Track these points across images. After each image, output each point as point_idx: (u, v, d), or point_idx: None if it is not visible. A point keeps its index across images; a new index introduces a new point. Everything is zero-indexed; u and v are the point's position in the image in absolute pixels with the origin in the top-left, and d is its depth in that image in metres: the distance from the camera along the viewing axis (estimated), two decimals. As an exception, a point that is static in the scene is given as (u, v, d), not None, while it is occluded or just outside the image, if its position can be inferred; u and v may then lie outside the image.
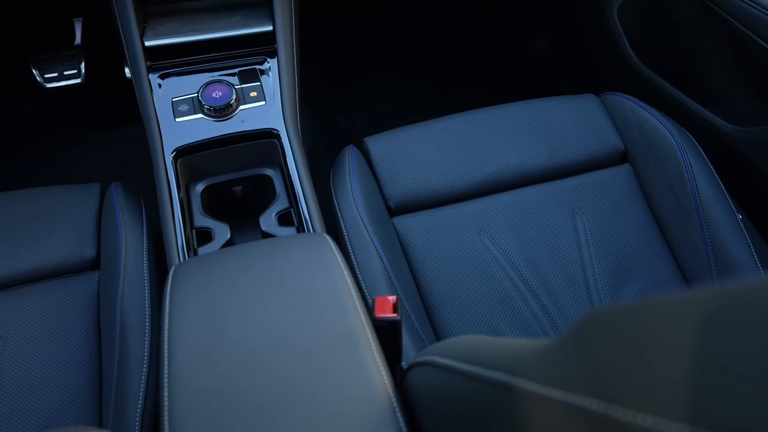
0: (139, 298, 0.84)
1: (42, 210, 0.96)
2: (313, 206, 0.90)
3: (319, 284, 0.64)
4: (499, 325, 0.90)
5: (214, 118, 0.96)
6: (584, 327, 0.29)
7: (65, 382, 0.84)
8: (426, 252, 0.95)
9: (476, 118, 1.09)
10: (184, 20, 1.06)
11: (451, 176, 1.02)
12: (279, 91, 0.99)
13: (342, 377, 0.55)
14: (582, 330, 0.29)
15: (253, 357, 0.57)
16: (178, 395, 0.54)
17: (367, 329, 0.60)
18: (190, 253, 0.87)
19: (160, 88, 0.99)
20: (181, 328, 0.60)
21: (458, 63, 1.84)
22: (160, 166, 0.92)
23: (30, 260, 0.91)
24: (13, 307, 0.88)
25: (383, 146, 1.04)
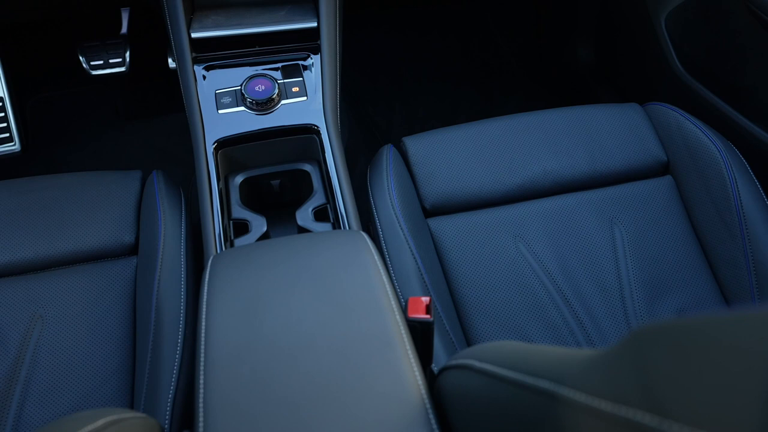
0: (175, 286, 0.86)
1: (84, 194, 0.98)
2: (350, 203, 0.90)
3: (355, 281, 0.64)
4: (531, 333, 0.89)
5: (256, 111, 0.97)
6: (639, 340, 0.29)
7: (100, 364, 0.86)
8: (460, 255, 0.95)
9: (516, 123, 1.08)
10: (230, 14, 1.08)
11: (488, 180, 1.01)
12: (321, 88, 1.00)
13: (375, 375, 0.55)
14: (636, 342, 0.29)
15: (288, 350, 0.57)
16: (213, 384, 0.55)
17: (402, 329, 0.60)
18: (227, 243, 0.88)
19: (205, 79, 1.00)
20: (219, 317, 0.60)
21: (498, 67, 1.83)
22: (201, 156, 0.93)
23: (71, 243, 0.93)
24: (54, 288, 0.90)
25: (421, 147, 1.04)
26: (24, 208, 0.96)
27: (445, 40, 1.85)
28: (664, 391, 0.25)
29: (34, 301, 0.89)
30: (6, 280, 0.90)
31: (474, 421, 0.47)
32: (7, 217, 0.95)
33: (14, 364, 0.84)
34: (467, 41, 1.85)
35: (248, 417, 0.52)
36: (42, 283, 0.90)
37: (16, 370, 0.84)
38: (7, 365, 0.84)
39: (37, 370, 0.84)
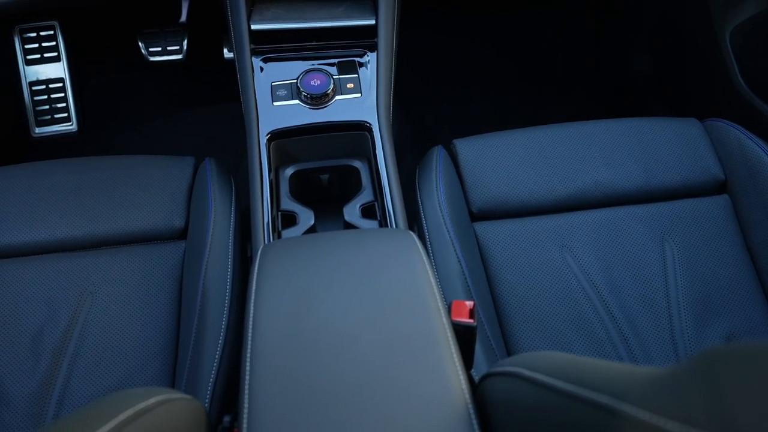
0: (222, 272, 0.87)
1: (138, 176, 1.00)
2: (398, 202, 0.90)
3: (403, 280, 0.64)
4: (573, 345, 0.88)
5: (310, 105, 0.98)
6: (711, 361, 0.28)
7: (144, 344, 0.88)
8: (505, 261, 0.94)
9: (569, 132, 1.07)
10: (290, 7, 1.09)
11: (538, 187, 1.00)
12: (375, 85, 1.00)
13: (419, 375, 0.55)
14: (708, 364, 0.28)
15: (332, 344, 0.58)
16: (259, 371, 0.55)
17: (448, 331, 0.60)
18: (275, 234, 0.89)
19: (262, 71, 1.01)
20: (267, 307, 0.61)
21: (551, 75, 1.80)
22: (254, 146, 0.94)
23: (123, 223, 0.96)
24: (105, 266, 0.93)
25: (472, 150, 1.03)
26: (81, 186, 0.99)
27: (499, 45, 1.84)
28: (741, 415, 0.24)
29: (86, 277, 0.91)
30: (61, 255, 0.93)
31: (521, 430, 0.47)
32: (64, 195, 0.98)
33: (64, 336, 0.87)
34: (521, 47, 1.83)
35: (291, 408, 0.52)
36: (94, 261, 0.93)
37: (65, 343, 0.86)
38: (57, 337, 0.86)
39: (85, 344, 0.87)
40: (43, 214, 0.95)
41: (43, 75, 1.55)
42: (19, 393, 0.83)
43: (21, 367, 0.84)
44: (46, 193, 0.97)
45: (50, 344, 0.86)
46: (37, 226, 0.94)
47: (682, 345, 0.88)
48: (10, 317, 0.87)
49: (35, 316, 0.88)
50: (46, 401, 0.83)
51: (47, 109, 1.55)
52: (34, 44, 1.54)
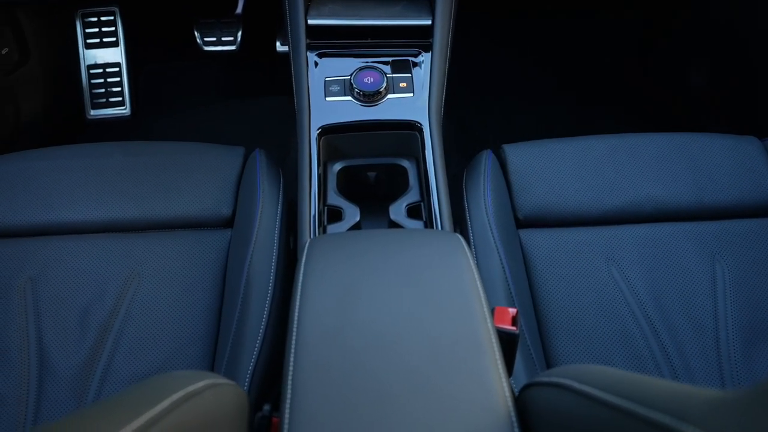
0: (266, 262, 0.88)
1: (189, 163, 1.02)
2: (445, 204, 0.90)
3: (449, 282, 0.63)
4: (614, 360, 0.86)
5: (362, 102, 0.98)
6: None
7: (186, 327, 0.89)
8: (549, 270, 0.93)
9: (621, 143, 1.05)
10: (347, 4, 1.09)
11: (587, 198, 0.99)
12: (428, 86, 1.00)
13: (463, 380, 0.55)
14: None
15: (378, 340, 0.58)
16: (303, 364, 0.56)
17: (493, 337, 0.59)
18: (320, 228, 0.89)
19: (316, 66, 1.02)
20: (313, 300, 0.61)
21: (601, 85, 1.77)
22: (304, 140, 0.95)
23: (173, 208, 0.98)
24: (152, 248, 0.95)
25: (521, 156, 1.02)
26: (134, 169, 1.01)
27: (548, 55, 1.82)
28: None
29: (135, 258, 0.93)
30: (112, 235, 0.95)
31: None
32: (118, 176, 1.00)
33: (110, 315, 0.89)
34: (571, 55, 1.81)
35: (334, 404, 0.53)
36: (143, 243, 0.95)
37: (111, 321, 0.88)
38: (104, 315, 0.89)
39: (129, 324, 0.89)
40: (98, 194, 0.98)
41: (101, 59, 1.60)
42: (65, 366, 0.85)
43: (68, 341, 0.87)
44: (102, 174, 1.00)
45: (97, 321, 0.88)
46: (91, 205, 0.97)
47: (728, 369, 0.85)
48: (62, 292, 0.90)
49: (85, 292, 0.90)
50: (89, 376, 0.85)
51: (103, 92, 1.59)
52: (95, 29, 1.58)
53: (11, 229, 0.95)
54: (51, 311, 0.89)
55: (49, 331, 0.88)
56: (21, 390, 0.84)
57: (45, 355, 0.86)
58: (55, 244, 0.94)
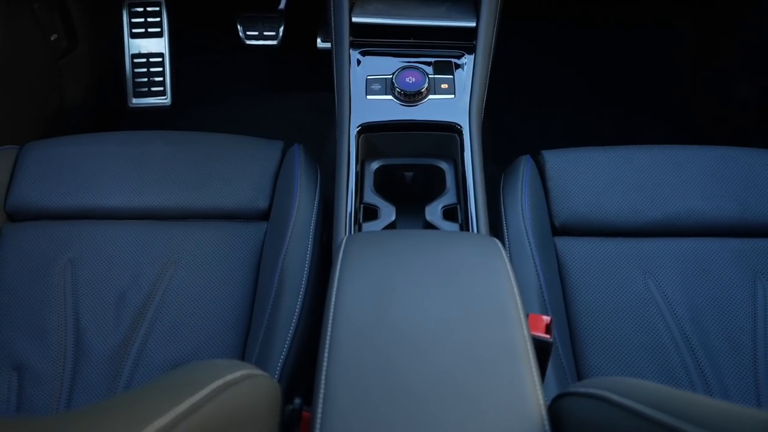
0: (301, 256, 0.88)
1: (229, 155, 1.03)
2: (482, 208, 0.89)
3: (486, 286, 0.63)
4: (647, 374, 0.85)
5: (403, 102, 0.98)
6: None
7: (219, 316, 0.90)
8: (584, 280, 0.91)
9: (663, 154, 1.03)
10: (391, 3, 1.09)
11: (626, 208, 0.97)
12: (470, 88, 0.99)
13: (497, 385, 0.54)
14: None
15: (411, 342, 0.58)
16: (337, 361, 0.56)
17: (528, 344, 0.59)
18: (356, 226, 0.89)
19: (359, 64, 1.02)
20: (349, 297, 0.61)
21: (644, 94, 1.74)
22: (344, 137, 0.95)
23: (211, 198, 0.99)
24: (189, 237, 0.96)
25: (561, 163, 1.01)
26: (175, 158, 1.03)
27: (592, 60, 1.79)
28: None
29: (171, 246, 0.95)
30: (150, 222, 0.97)
31: None
32: (159, 164, 1.02)
33: (145, 301, 0.90)
34: (615, 64, 1.78)
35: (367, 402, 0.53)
36: (180, 231, 0.96)
37: (146, 307, 0.90)
38: (139, 301, 0.90)
39: (164, 310, 0.90)
40: (139, 182, 0.99)
41: (145, 49, 1.62)
42: (100, 348, 0.87)
43: (104, 324, 0.89)
44: (144, 162, 1.02)
45: (132, 306, 0.90)
46: (132, 192, 0.99)
47: (765, 389, 0.83)
48: (100, 275, 0.92)
49: (122, 277, 0.92)
50: (123, 360, 0.87)
51: (145, 81, 1.62)
52: (140, 18, 1.61)
53: (55, 211, 0.98)
54: (89, 294, 0.91)
55: (86, 313, 0.90)
56: (57, 369, 0.86)
57: (81, 337, 0.88)
58: (96, 229, 0.96)
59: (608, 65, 1.79)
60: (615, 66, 1.78)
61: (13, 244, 0.95)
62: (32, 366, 0.86)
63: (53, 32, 1.38)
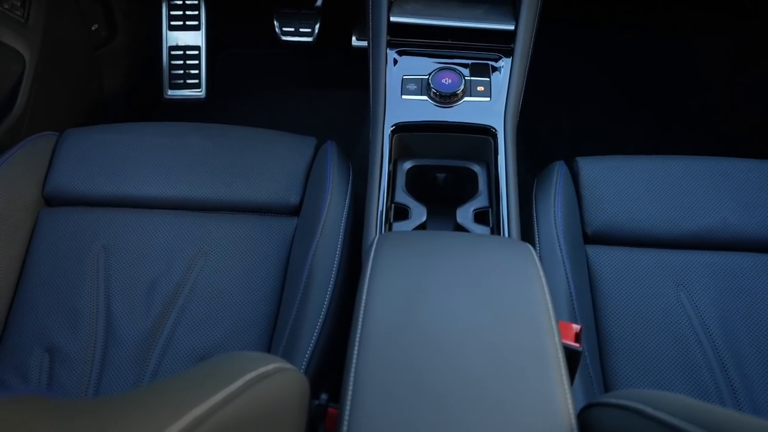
0: (330, 253, 0.89)
1: (262, 149, 1.04)
2: (514, 212, 0.89)
3: (518, 292, 0.63)
4: (676, 388, 0.84)
5: (438, 103, 0.98)
6: None
7: (247, 308, 0.91)
8: (614, 290, 0.90)
9: (700, 165, 1.01)
10: (430, 3, 1.09)
11: (660, 219, 0.96)
12: (506, 91, 0.99)
13: (526, 393, 0.54)
14: None
15: (440, 343, 0.58)
16: (366, 360, 0.56)
17: (559, 352, 0.58)
18: (386, 225, 0.89)
19: (395, 64, 1.02)
20: (380, 296, 0.62)
21: (681, 101, 1.71)
22: (377, 136, 0.96)
23: (244, 191, 1.00)
24: (220, 229, 0.97)
25: (595, 170, 1.00)
26: (209, 151, 1.04)
27: (627, 67, 1.77)
28: None
29: (202, 237, 0.96)
30: (183, 213, 0.98)
31: None
32: (193, 156, 1.03)
33: (176, 290, 0.92)
34: (650, 72, 1.75)
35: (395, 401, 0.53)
36: (212, 223, 0.97)
37: (176, 296, 0.91)
38: (170, 289, 0.91)
39: (193, 300, 0.91)
40: (173, 172, 1.01)
41: (182, 41, 1.64)
42: (130, 335, 0.89)
43: (135, 310, 0.90)
44: (179, 153, 1.03)
45: (163, 295, 0.91)
46: (166, 182, 1.00)
47: (799, 412, 0.81)
48: (132, 263, 0.93)
49: (154, 266, 0.93)
50: (151, 347, 0.88)
51: (181, 74, 1.64)
52: (179, 11, 1.63)
53: (90, 197, 0.99)
54: (121, 280, 0.92)
55: (117, 299, 0.91)
56: (87, 352, 0.87)
57: (112, 322, 0.89)
58: (129, 217, 0.97)
59: (643, 73, 1.76)
60: (650, 74, 1.76)
61: (49, 228, 0.97)
62: (63, 348, 0.87)
63: (94, 22, 1.41)
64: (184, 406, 0.36)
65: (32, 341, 0.88)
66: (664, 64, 1.75)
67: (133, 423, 0.32)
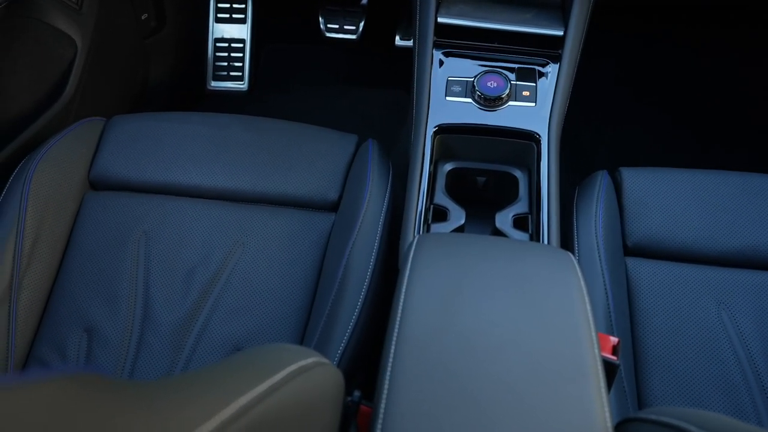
0: (367, 250, 0.89)
1: (304, 144, 1.05)
2: (555, 220, 0.88)
3: (559, 301, 0.62)
4: (712, 408, 0.82)
5: (482, 106, 0.97)
6: None
7: (281, 301, 0.92)
8: (653, 305, 0.89)
9: (746, 182, 0.99)
10: (477, 5, 1.09)
11: (703, 235, 0.94)
12: (552, 98, 0.98)
13: (564, 404, 0.53)
14: None
15: (478, 349, 0.57)
16: (403, 360, 0.56)
17: (599, 364, 0.57)
18: (424, 226, 0.89)
19: (441, 65, 1.02)
20: (418, 296, 0.61)
21: (731, 114, 1.67)
22: (420, 136, 0.96)
23: (283, 185, 1.00)
24: (259, 221, 0.98)
25: (639, 181, 0.98)
26: (251, 143, 1.05)
27: (675, 72, 1.73)
28: None
29: (241, 228, 0.97)
30: (224, 203, 1.00)
31: None
32: (235, 148, 1.04)
33: (213, 278, 0.93)
34: (701, 78, 1.71)
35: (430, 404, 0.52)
36: (251, 214, 0.98)
37: (212, 285, 0.92)
38: (207, 278, 0.93)
39: (229, 289, 0.92)
40: (214, 162, 1.02)
41: (228, 34, 1.66)
42: (167, 320, 0.90)
43: (172, 297, 0.91)
44: (220, 143, 1.04)
45: (200, 282, 0.93)
46: (208, 172, 1.01)
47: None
48: (171, 250, 0.95)
49: (193, 253, 0.94)
50: (187, 333, 0.89)
51: (225, 66, 1.66)
52: (226, 4, 1.65)
53: (134, 183, 1.01)
54: (160, 266, 0.94)
55: (156, 284, 0.93)
56: (124, 335, 0.89)
57: (149, 307, 0.91)
58: (172, 204, 0.99)
59: (690, 87, 1.72)
60: (696, 89, 1.72)
61: (93, 211, 0.99)
62: (102, 330, 0.89)
63: (144, 11, 1.44)
64: (230, 394, 0.36)
65: (72, 320, 0.91)
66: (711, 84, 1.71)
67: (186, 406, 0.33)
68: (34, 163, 0.96)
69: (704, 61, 1.71)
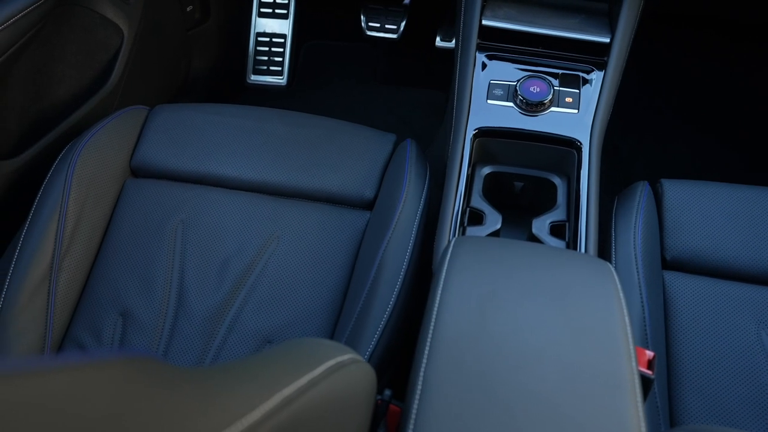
0: (401, 250, 0.89)
1: (342, 141, 1.05)
2: (593, 229, 0.87)
3: (597, 311, 0.61)
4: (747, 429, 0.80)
5: (524, 111, 0.96)
6: None
7: (313, 296, 0.92)
8: (690, 320, 0.87)
9: None
10: (523, 9, 1.08)
11: (745, 251, 0.91)
12: (595, 105, 0.96)
13: (598, 414, 0.53)
14: None
15: (512, 355, 0.57)
16: (437, 361, 0.55)
17: (636, 377, 0.56)
18: (460, 229, 0.89)
19: (483, 68, 1.01)
20: (454, 299, 0.61)
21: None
22: (459, 139, 0.95)
23: (320, 180, 1.01)
24: (294, 215, 0.98)
25: (680, 193, 0.96)
26: (289, 137, 1.06)
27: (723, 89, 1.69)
28: None
29: (276, 221, 0.98)
30: (260, 195, 1.00)
31: None
32: (274, 141, 1.05)
33: (246, 269, 0.94)
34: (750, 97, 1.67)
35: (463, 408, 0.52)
36: (287, 208, 0.99)
37: (246, 276, 0.93)
38: (241, 269, 0.94)
39: (262, 281, 0.93)
40: (255, 155, 1.03)
41: (270, 29, 1.68)
42: (200, 308, 0.91)
43: (206, 286, 0.93)
44: (261, 137, 1.05)
45: (234, 273, 0.93)
46: (247, 164, 1.02)
47: None
48: (207, 239, 0.96)
49: (229, 244, 0.95)
50: (219, 323, 0.90)
51: (265, 60, 1.67)
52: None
53: (174, 172, 1.03)
54: (196, 255, 0.95)
55: (191, 273, 0.94)
56: (158, 321, 0.91)
57: (184, 294, 0.92)
58: (210, 194, 1.00)
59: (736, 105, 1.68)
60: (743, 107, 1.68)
61: (133, 198, 1.01)
62: (137, 314, 0.91)
63: (189, 3, 1.46)
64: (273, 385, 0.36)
65: (108, 304, 0.92)
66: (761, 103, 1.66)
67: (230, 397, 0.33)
68: (79, 148, 0.98)
69: (754, 79, 1.67)
